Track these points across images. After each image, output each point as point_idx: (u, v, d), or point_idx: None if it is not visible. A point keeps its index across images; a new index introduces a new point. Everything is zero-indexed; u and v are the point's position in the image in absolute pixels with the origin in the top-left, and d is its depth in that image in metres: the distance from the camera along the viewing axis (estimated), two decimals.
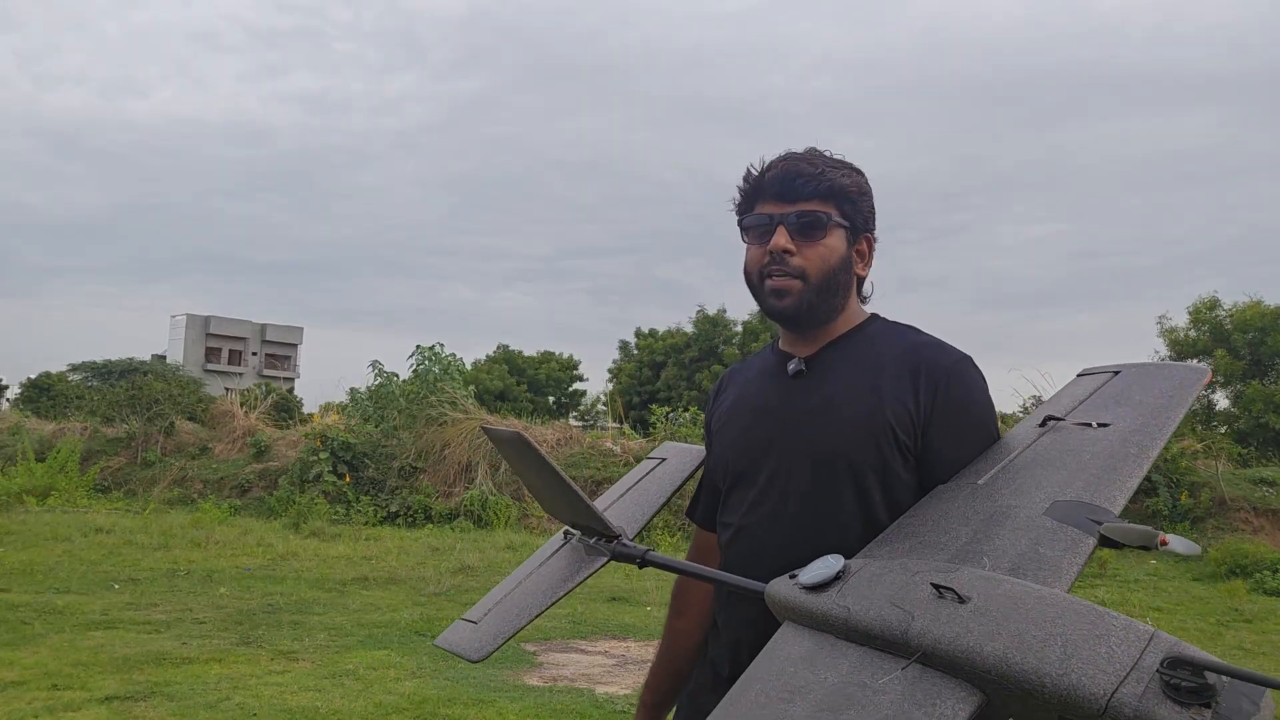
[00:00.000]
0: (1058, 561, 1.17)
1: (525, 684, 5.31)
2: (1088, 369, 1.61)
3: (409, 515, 12.53)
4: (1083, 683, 0.95)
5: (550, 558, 1.73)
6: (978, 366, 1.49)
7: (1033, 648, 0.99)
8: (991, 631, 1.03)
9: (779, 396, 1.54)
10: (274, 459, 14.62)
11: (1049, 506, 1.26)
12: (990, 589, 1.08)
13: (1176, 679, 0.92)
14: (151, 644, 5.87)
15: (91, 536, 10.17)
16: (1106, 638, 0.98)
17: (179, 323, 63.27)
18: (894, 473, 1.43)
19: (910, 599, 1.11)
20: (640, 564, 1.55)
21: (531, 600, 1.63)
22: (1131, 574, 9.85)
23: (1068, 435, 1.41)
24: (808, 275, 1.48)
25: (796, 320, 1.52)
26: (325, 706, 4.69)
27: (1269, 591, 9.02)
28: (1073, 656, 0.97)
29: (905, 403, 1.43)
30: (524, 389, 40.31)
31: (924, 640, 1.06)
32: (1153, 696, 0.92)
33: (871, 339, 1.53)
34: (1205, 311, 24.97)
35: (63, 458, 14.35)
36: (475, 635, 1.63)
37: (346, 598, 7.69)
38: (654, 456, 1.95)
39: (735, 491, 1.57)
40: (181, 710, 4.56)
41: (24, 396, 35.33)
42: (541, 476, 1.57)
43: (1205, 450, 13.22)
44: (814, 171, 1.48)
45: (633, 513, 1.75)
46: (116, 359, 37.52)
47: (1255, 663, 6.31)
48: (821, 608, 1.18)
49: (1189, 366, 1.51)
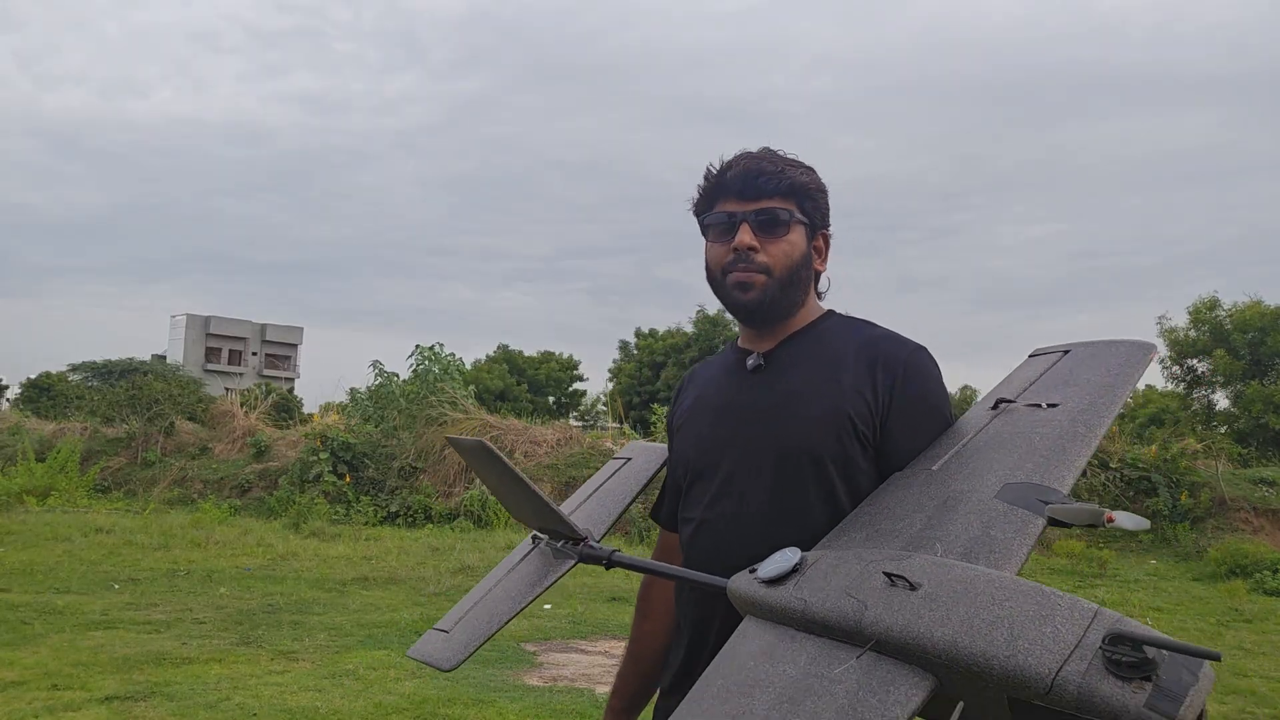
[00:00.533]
0: (1008, 544, 1.20)
1: (525, 684, 5.31)
2: (1039, 349, 1.63)
3: (409, 515, 12.53)
4: (1029, 663, 0.97)
5: (519, 563, 1.75)
6: (932, 357, 1.52)
7: (981, 631, 1.01)
8: (941, 617, 1.05)
9: (738, 392, 1.55)
10: (274, 459, 14.62)
11: (1000, 489, 1.28)
12: (941, 575, 1.11)
13: (1118, 655, 0.93)
14: (151, 644, 5.87)
15: (91, 536, 10.17)
16: (1051, 618, 1.00)
17: (179, 323, 63.28)
18: (855, 464, 1.44)
19: (864, 588, 1.13)
20: (607, 565, 1.57)
21: (501, 606, 1.64)
22: (1131, 574, 9.86)
23: (1018, 417, 1.43)
24: (772, 271, 1.50)
25: (759, 314, 1.53)
26: (325, 706, 4.69)
27: (1269, 591, 9.03)
28: (1019, 638, 0.99)
29: (864, 394, 1.45)
30: (524, 389, 40.32)
31: (877, 629, 1.08)
32: (1096, 673, 0.94)
33: (828, 333, 1.55)
34: (1205, 311, 24.98)
35: (63, 458, 14.35)
36: (447, 644, 1.64)
37: (346, 598, 7.69)
38: (619, 456, 1.96)
39: (695, 487, 1.58)
40: (181, 710, 4.57)
41: (24, 396, 35.35)
42: (506, 483, 1.58)
43: (1205, 450, 13.22)
44: (774, 169, 1.50)
45: (599, 514, 1.77)
46: (116, 359, 37.57)
47: (1255, 662, 6.31)
48: (780, 601, 1.20)
49: (1134, 343, 1.52)
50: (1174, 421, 23.08)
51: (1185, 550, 10.81)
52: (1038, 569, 9.94)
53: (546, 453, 13.71)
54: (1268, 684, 5.73)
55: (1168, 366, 25.68)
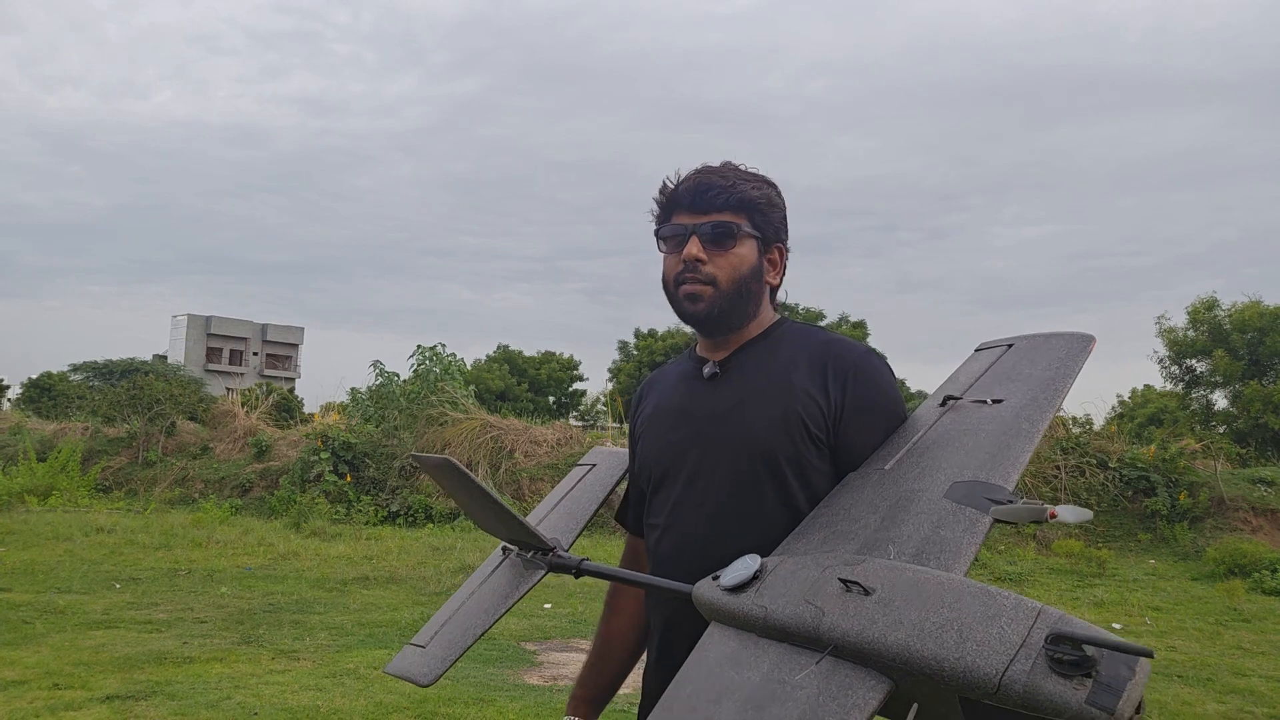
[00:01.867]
0: (957, 543, 1.24)
1: (525, 683, 5.33)
2: (984, 344, 1.67)
3: (409, 515, 12.55)
4: (977, 664, 1.01)
5: (491, 575, 1.77)
6: (881, 357, 1.57)
7: (932, 634, 1.05)
8: (894, 621, 1.09)
9: (696, 399, 1.59)
10: (275, 459, 14.63)
11: (948, 489, 1.32)
12: (893, 579, 1.14)
13: (1059, 654, 0.97)
14: (152, 643, 5.89)
15: (93, 536, 10.18)
16: (998, 618, 1.03)
17: (180, 323, 63.29)
18: (810, 464, 1.48)
19: (821, 594, 1.17)
20: (576, 573, 1.60)
21: (475, 619, 1.67)
22: (1130, 573, 9.87)
23: (965, 414, 1.47)
24: (718, 282, 1.54)
25: (708, 324, 1.57)
26: (326, 706, 4.71)
27: (1268, 591, 9.04)
28: (967, 640, 1.03)
29: (815, 397, 1.50)
30: (524, 389, 40.31)
31: (834, 634, 1.12)
32: (1040, 672, 0.97)
33: (780, 340, 1.59)
34: (1204, 312, 24.97)
35: (64, 458, 14.36)
36: (424, 659, 1.67)
37: (347, 597, 7.71)
38: (584, 463, 1.99)
39: (659, 493, 1.61)
40: (182, 709, 4.58)
41: (25, 396, 35.34)
42: (474, 499, 1.60)
43: (1204, 450, 13.23)
44: (725, 184, 1.54)
45: (566, 523, 1.80)
46: (117, 359, 37.58)
47: (1254, 662, 6.32)
48: (742, 608, 1.24)
49: (1074, 335, 1.55)
50: (1173, 421, 23.10)
51: (1184, 550, 10.82)
52: (1038, 569, 9.96)
53: (547, 453, 13.72)
54: (1267, 683, 5.74)
55: (1166, 367, 25.69)
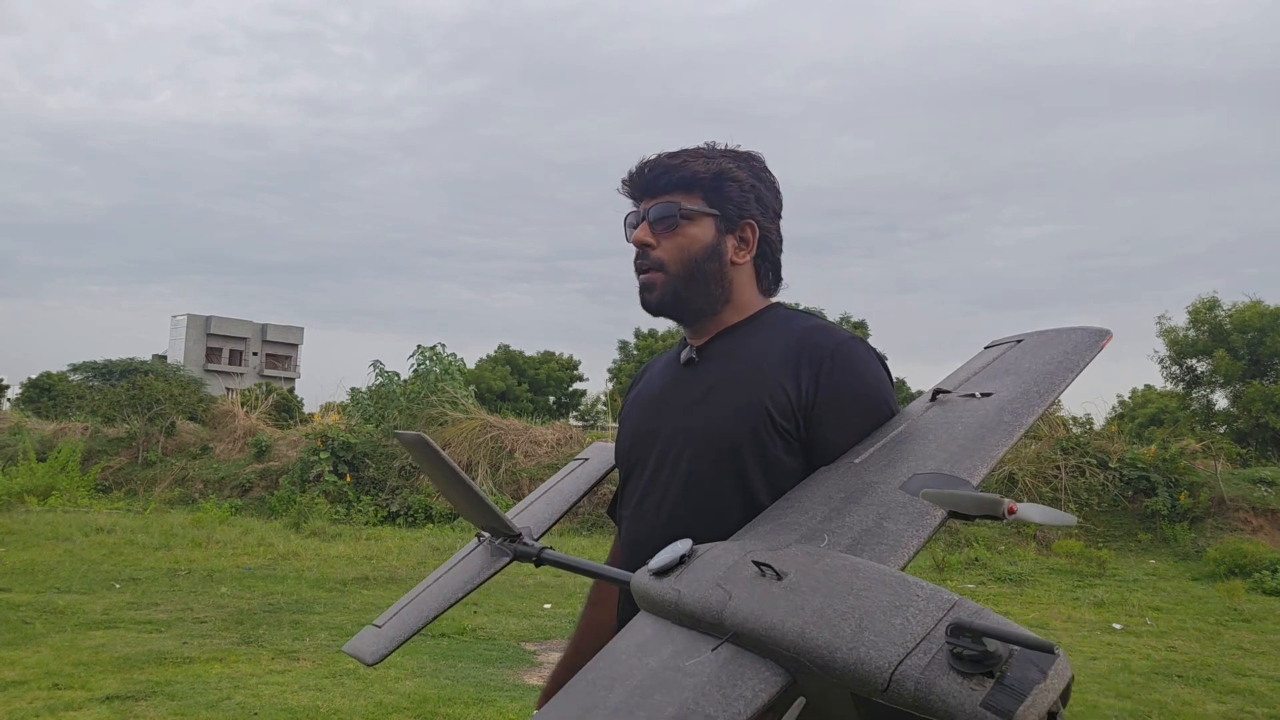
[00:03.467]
0: (899, 535, 1.15)
1: (525, 683, 5.32)
2: (994, 340, 1.58)
3: (409, 515, 12.54)
4: (870, 656, 0.91)
5: (462, 560, 1.74)
6: (868, 346, 1.46)
7: (829, 622, 0.96)
8: (796, 607, 1.00)
9: (672, 387, 1.54)
10: (275, 459, 14.63)
11: (906, 480, 1.23)
12: (809, 565, 1.05)
13: (959, 648, 0.86)
14: (152, 643, 5.88)
15: (92, 536, 10.18)
16: (905, 609, 0.93)
17: (179, 323, 63.29)
18: (774, 458, 1.38)
19: (734, 579, 1.09)
20: (536, 562, 1.56)
21: (430, 603, 1.64)
22: (1130, 574, 9.86)
23: (950, 408, 1.38)
24: (666, 266, 1.48)
25: (663, 312, 1.52)
26: (326, 706, 4.70)
27: (1268, 591, 9.03)
28: (866, 629, 0.93)
29: (785, 388, 1.39)
30: (525, 389, 40.32)
31: (735, 619, 1.04)
32: (937, 668, 0.87)
33: (762, 326, 1.50)
34: (1205, 312, 24.99)
35: (64, 458, 14.35)
36: (375, 639, 1.64)
37: (347, 597, 7.70)
38: (579, 457, 1.96)
39: (628, 483, 1.57)
40: (182, 709, 4.58)
41: (25, 396, 35.33)
42: (447, 478, 1.57)
43: (1204, 450, 13.23)
44: (671, 164, 1.48)
45: (543, 513, 1.77)
46: (117, 359, 37.57)
47: (1254, 662, 6.31)
48: (660, 593, 1.16)
49: (1089, 329, 1.45)
50: (1173, 421, 23.10)
51: (1184, 550, 10.82)
52: (1038, 569, 9.96)
53: (547, 452, 13.72)
54: (1267, 684, 5.73)
55: (1167, 367, 25.70)
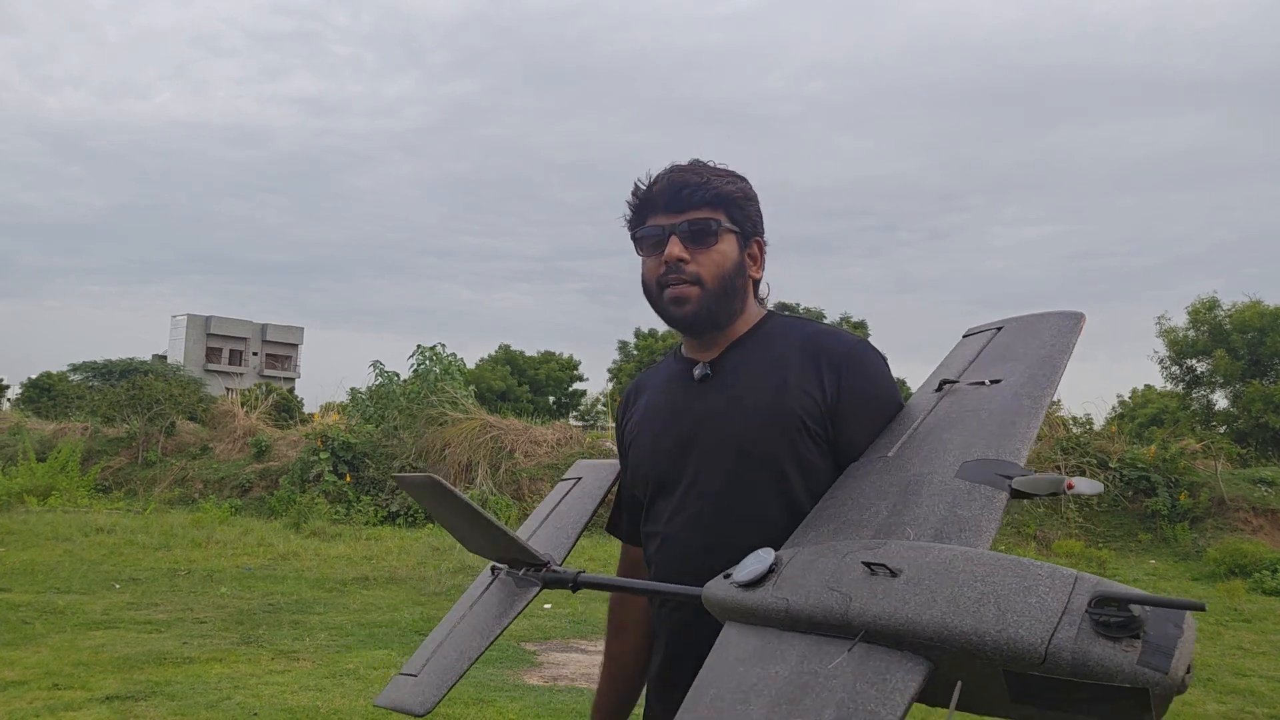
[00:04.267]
0: (976, 521, 1.20)
1: (525, 684, 5.32)
2: (972, 329, 1.64)
3: (409, 515, 12.54)
4: (1020, 635, 0.97)
5: (481, 596, 1.71)
6: (874, 348, 1.53)
7: (969, 609, 1.01)
8: (927, 600, 1.05)
9: (687, 402, 1.55)
10: (274, 459, 14.63)
11: (959, 468, 1.28)
12: (919, 558, 1.11)
13: (1105, 616, 0.94)
14: (152, 644, 5.88)
15: (92, 536, 10.17)
16: (1035, 588, 1.00)
17: (179, 323, 63.29)
18: (810, 462, 1.44)
19: (845, 581, 1.13)
20: (573, 587, 1.55)
21: (470, 642, 1.61)
22: (1131, 574, 9.86)
23: (964, 396, 1.44)
24: (703, 281, 1.50)
25: (698, 326, 1.53)
26: (326, 706, 4.70)
27: (1268, 591, 9.04)
28: (1007, 611, 0.99)
29: (810, 391, 1.46)
30: (525, 389, 40.32)
31: (864, 619, 1.07)
32: (1086, 637, 0.95)
33: (771, 335, 1.55)
34: (1205, 312, 25.00)
35: (64, 458, 14.35)
36: (418, 688, 1.61)
37: (347, 597, 7.70)
38: (568, 477, 1.94)
39: (656, 501, 1.57)
40: (182, 710, 4.57)
41: (24, 396, 35.33)
42: (461, 517, 1.56)
43: (1204, 450, 13.23)
44: (700, 180, 1.51)
45: (557, 538, 1.75)
46: (117, 359, 37.57)
47: (1255, 662, 6.32)
48: (761, 603, 1.18)
49: (1063, 314, 1.53)
50: (1173, 421, 23.09)
51: (1184, 550, 10.82)
52: None
53: (546, 453, 13.71)
54: (1267, 684, 5.74)
55: (1167, 367, 25.71)
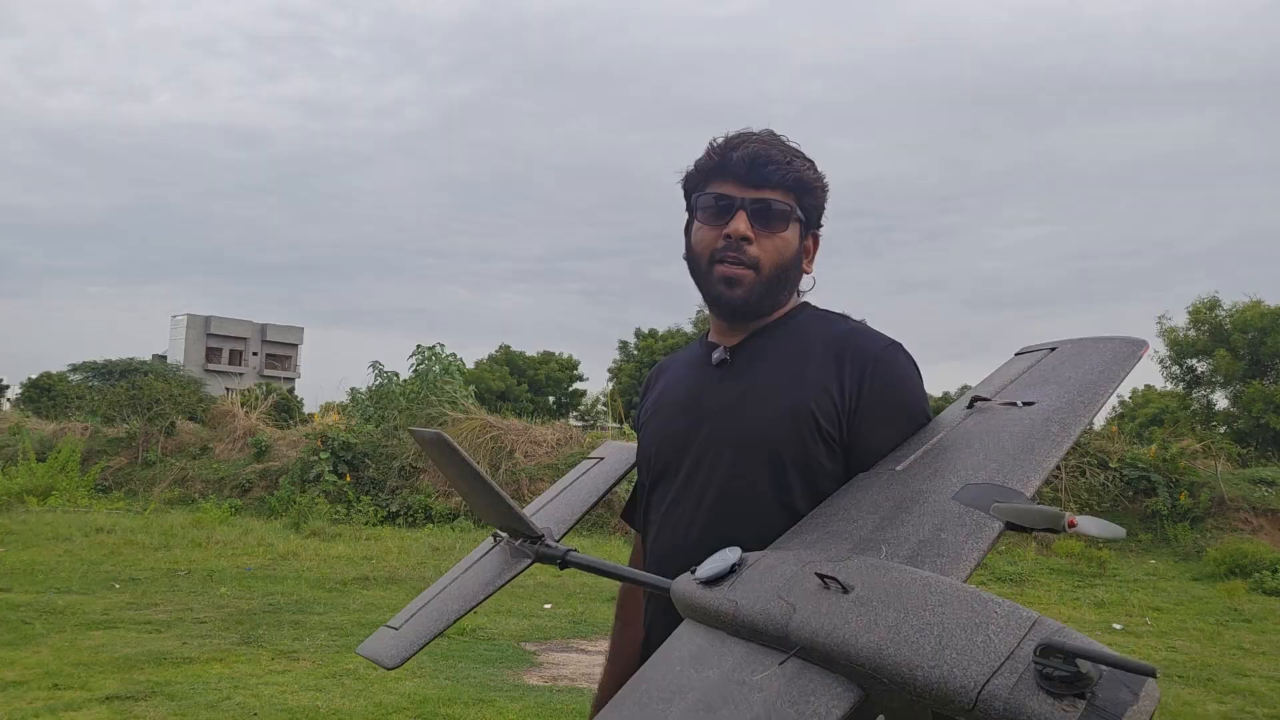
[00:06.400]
0: (958, 547, 1.12)
1: (525, 684, 5.32)
2: (1026, 347, 1.55)
3: (409, 515, 12.53)
4: (954, 674, 0.89)
5: (479, 560, 1.70)
6: (908, 353, 1.42)
7: (907, 638, 0.93)
8: (869, 622, 0.97)
9: (701, 388, 1.47)
10: (274, 459, 14.62)
11: (959, 490, 1.20)
12: (876, 578, 1.03)
13: (1049, 669, 0.85)
14: (152, 644, 5.88)
15: (92, 536, 10.17)
16: (985, 626, 0.91)
17: (179, 323, 63.26)
18: (817, 464, 1.35)
19: (795, 590, 1.06)
20: (561, 564, 1.52)
21: (452, 605, 1.59)
22: (1131, 574, 9.86)
23: (991, 416, 1.34)
24: (761, 266, 1.40)
25: (742, 312, 1.44)
26: (326, 706, 4.70)
27: (1268, 591, 9.03)
28: (947, 647, 0.91)
29: (830, 391, 1.36)
30: (524, 389, 40.32)
31: (803, 633, 1.01)
32: (1025, 688, 0.85)
33: (799, 327, 1.45)
34: (1205, 312, 24.99)
35: (63, 458, 14.34)
36: (394, 642, 1.59)
37: (347, 597, 7.70)
38: (593, 456, 1.91)
39: (658, 487, 1.51)
40: (182, 710, 4.57)
41: (24, 396, 35.33)
42: (466, 479, 1.53)
43: (1205, 450, 13.23)
44: (782, 159, 1.40)
45: (562, 513, 1.72)
46: (117, 359, 37.52)
47: (1255, 662, 6.30)
48: (712, 602, 1.13)
49: (1126, 339, 1.43)
50: (1173, 421, 23.09)
51: (1184, 550, 10.82)
52: (1038, 569, 9.95)
53: (546, 453, 13.71)
54: (1267, 684, 5.73)
55: (1167, 366, 25.70)
